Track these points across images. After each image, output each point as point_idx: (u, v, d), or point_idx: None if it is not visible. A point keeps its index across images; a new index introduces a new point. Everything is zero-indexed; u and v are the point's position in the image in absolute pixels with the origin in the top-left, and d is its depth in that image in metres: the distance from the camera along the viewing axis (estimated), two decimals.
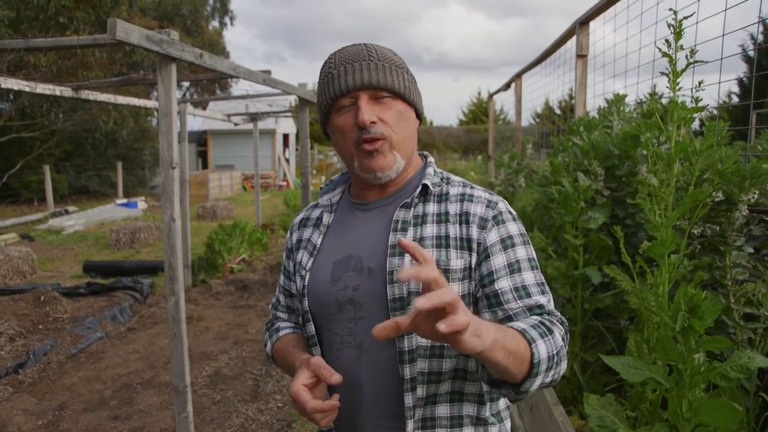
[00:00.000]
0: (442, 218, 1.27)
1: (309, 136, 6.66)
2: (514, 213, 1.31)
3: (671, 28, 1.96)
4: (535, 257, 1.27)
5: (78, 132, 18.12)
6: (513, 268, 1.22)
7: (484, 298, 1.22)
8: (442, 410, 1.24)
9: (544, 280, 1.25)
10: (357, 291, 1.26)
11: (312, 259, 1.35)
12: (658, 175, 2.05)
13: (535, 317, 1.16)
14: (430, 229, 1.26)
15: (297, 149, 26.98)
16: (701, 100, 2.02)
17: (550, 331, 1.11)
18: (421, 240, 1.24)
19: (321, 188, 1.48)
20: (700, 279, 1.99)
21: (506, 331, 1.02)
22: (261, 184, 22.02)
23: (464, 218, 1.26)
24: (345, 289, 1.27)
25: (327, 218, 1.39)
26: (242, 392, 4.35)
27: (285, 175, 25.00)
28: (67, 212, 14.91)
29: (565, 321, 1.22)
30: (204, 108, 13.34)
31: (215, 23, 29.98)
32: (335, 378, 1.13)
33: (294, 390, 1.14)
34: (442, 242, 1.24)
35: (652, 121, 2.60)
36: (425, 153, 1.44)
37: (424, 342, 1.20)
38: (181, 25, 24.23)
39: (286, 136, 26.87)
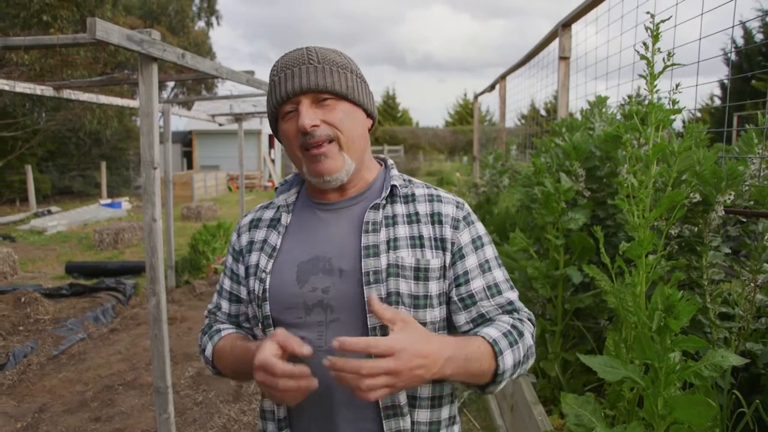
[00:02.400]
0: (413, 218, 1.27)
1: None
2: (475, 212, 1.35)
3: (649, 31, 1.98)
4: (498, 254, 1.34)
5: (61, 132, 17.96)
6: (484, 267, 1.28)
7: (458, 300, 1.26)
8: (423, 415, 1.23)
9: (508, 276, 1.32)
10: (327, 293, 1.22)
11: (272, 260, 1.28)
12: (637, 176, 2.07)
13: (508, 319, 1.24)
14: (402, 230, 1.25)
15: (282, 149, 26.89)
16: (678, 102, 2.04)
17: (521, 335, 1.21)
18: (395, 240, 1.23)
19: (276, 188, 1.42)
20: (677, 279, 2.01)
21: (471, 354, 1.11)
22: (246, 185, 21.95)
23: (436, 218, 1.27)
24: (314, 291, 1.22)
25: (285, 218, 1.34)
26: (225, 393, 4.33)
27: (270, 175, 24.92)
28: (49, 212, 14.76)
29: (532, 315, 1.31)
30: (189, 108, 13.25)
31: (201, 23, 29.88)
32: (306, 349, 1.06)
33: (261, 357, 1.05)
34: (416, 242, 1.24)
35: (631, 123, 2.63)
36: (383, 157, 1.42)
37: None
38: (166, 24, 24.10)
39: (271, 137, 26.77)
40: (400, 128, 44.71)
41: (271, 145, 26.82)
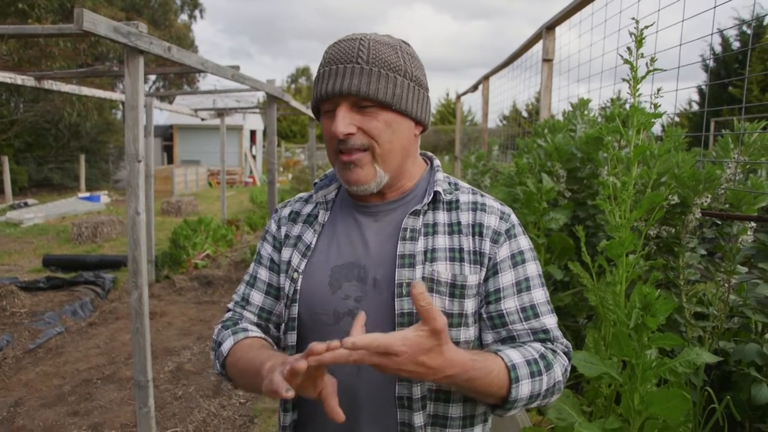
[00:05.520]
0: (455, 229, 1.18)
1: (276, 133, 6.64)
2: (522, 224, 1.24)
3: (633, 36, 2.02)
4: (541, 273, 1.21)
5: (39, 123, 17.72)
6: (521, 286, 1.17)
7: (486, 318, 1.17)
8: None
9: (549, 298, 1.21)
10: (360, 303, 1.15)
11: (305, 260, 1.22)
12: (620, 177, 2.11)
13: (539, 347, 1.12)
14: (442, 241, 1.17)
15: (264, 146, 26.86)
16: (660, 106, 2.09)
17: (548, 367, 1.10)
18: (433, 251, 1.15)
19: (315, 183, 1.33)
20: (655, 279, 2.06)
21: (478, 374, 1.02)
22: (227, 181, 21.81)
23: (477, 230, 1.18)
24: (346, 299, 1.16)
25: (323, 216, 1.26)
26: (204, 387, 4.32)
27: (251, 171, 24.80)
28: (26, 205, 14.55)
29: (570, 347, 1.19)
30: (171, 102, 13.20)
31: (184, 16, 29.64)
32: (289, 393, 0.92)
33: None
34: (456, 255, 1.16)
35: (613, 125, 2.68)
36: (429, 155, 1.33)
37: None
38: (149, 17, 23.84)
39: (253, 133, 26.66)
40: None
41: (252, 141, 26.69)
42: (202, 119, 10.83)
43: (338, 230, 1.24)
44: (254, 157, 26.10)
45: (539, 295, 1.17)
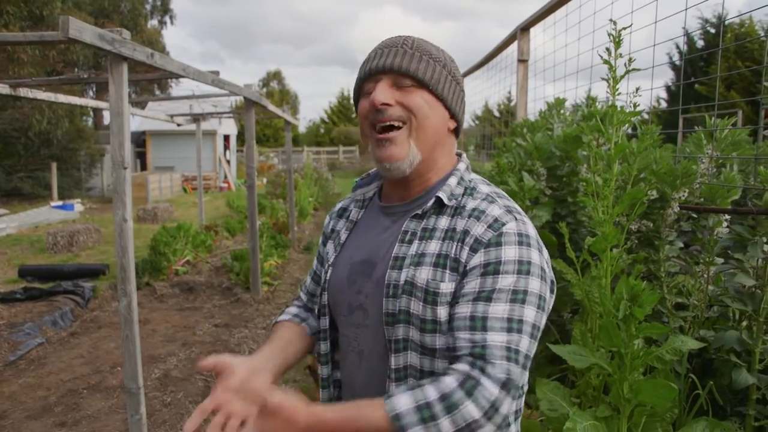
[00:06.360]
0: (448, 235, 1.16)
1: (254, 137, 6.65)
2: (526, 235, 1.13)
3: (611, 37, 2.10)
4: (531, 292, 1.08)
5: (8, 131, 17.39)
6: (481, 295, 1.07)
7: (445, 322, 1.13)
8: None
9: (525, 320, 1.06)
10: (368, 298, 1.22)
11: (335, 254, 1.33)
12: (602, 174, 2.19)
13: (450, 381, 1.01)
14: (434, 246, 1.16)
15: (240, 150, 26.76)
16: (638, 105, 2.18)
17: (450, 409, 0.98)
18: (421, 256, 1.16)
19: (356, 181, 1.41)
20: (638, 271, 2.14)
21: (343, 423, 1.02)
22: (202, 186, 21.63)
23: (462, 236, 1.14)
24: (359, 293, 1.24)
25: (356, 214, 1.37)
26: (193, 393, 4.32)
27: (226, 176, 24.64)
28: None
29: (514, 373, 1.02)
30: (143, 108, 13.07)
31: (154, 22, 29.35)
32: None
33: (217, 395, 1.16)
34: (440, 261, 1.14)
35: (592, 124, 2.76)
36: (461, 153, 1.32)
37: (416, 362, 1.15)
38: (118, 22, 23.59)
39: (227, 137, 26.48)
40: (355, 129, 44.78)
41: (226, 146, 26.52)
42: (178, 125, 10.77)
43: (364, 228, 1.34)
44: (228, 161, 25.94)
45: (499, 309, 1.05)
